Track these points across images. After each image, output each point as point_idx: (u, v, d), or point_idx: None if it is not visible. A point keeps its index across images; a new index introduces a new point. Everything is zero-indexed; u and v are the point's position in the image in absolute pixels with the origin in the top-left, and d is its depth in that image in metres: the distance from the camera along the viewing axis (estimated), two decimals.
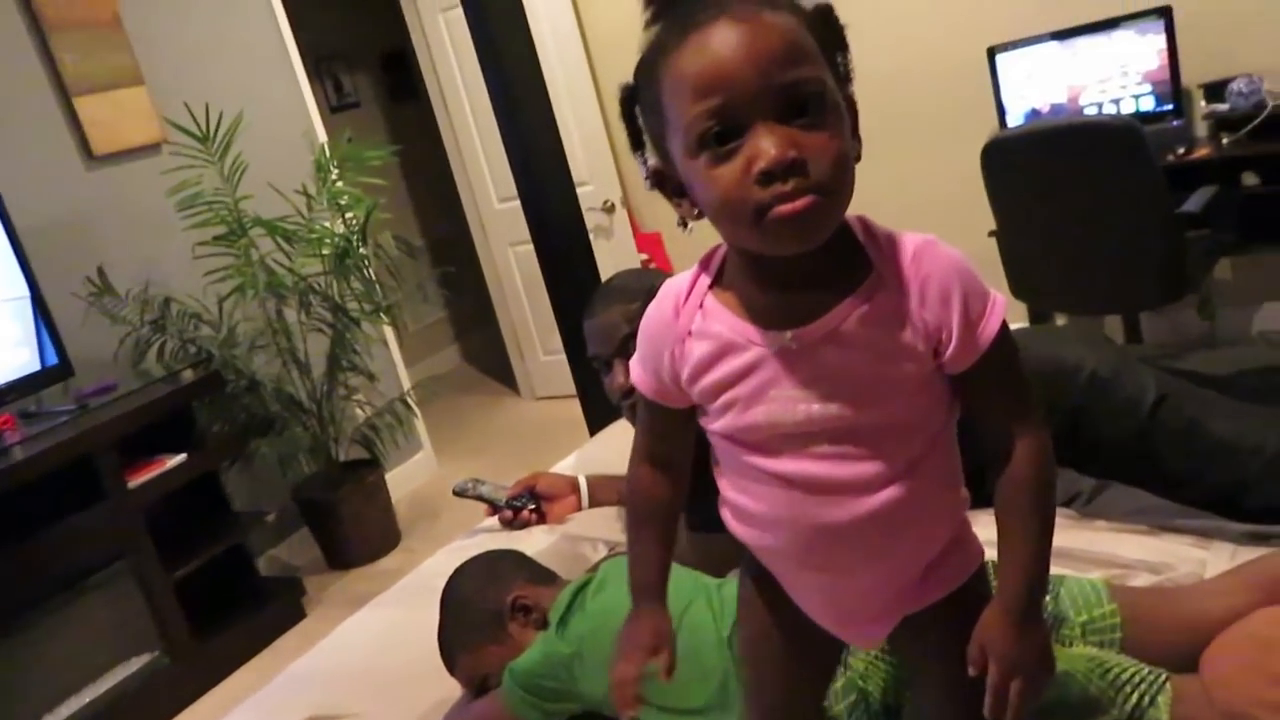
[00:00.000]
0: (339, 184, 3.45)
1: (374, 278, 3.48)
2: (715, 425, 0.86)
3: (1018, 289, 3.08)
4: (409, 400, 3.81)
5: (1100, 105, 3.27)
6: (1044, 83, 3.34)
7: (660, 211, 4.25)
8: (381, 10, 4.92)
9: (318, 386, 3.45)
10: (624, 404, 1.66)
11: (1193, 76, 3.16)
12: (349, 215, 3.47)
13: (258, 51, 3.71)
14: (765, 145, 0.71)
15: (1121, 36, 3.19)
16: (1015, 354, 0.84)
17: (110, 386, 2.97)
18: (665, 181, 0.82)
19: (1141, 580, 1.34)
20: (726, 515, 0.92)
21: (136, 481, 2.82)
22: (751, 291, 0.82)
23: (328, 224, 3.43)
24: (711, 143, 0.73)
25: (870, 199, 3.75)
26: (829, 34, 0.79)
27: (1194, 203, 2.80)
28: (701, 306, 0.83)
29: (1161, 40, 3.12)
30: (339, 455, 3.54)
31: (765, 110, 0.71)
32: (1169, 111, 3.17)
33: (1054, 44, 3.29)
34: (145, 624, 2.81)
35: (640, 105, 0.81)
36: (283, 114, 3.75)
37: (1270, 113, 2.93)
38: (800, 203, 0.71)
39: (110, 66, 3.22)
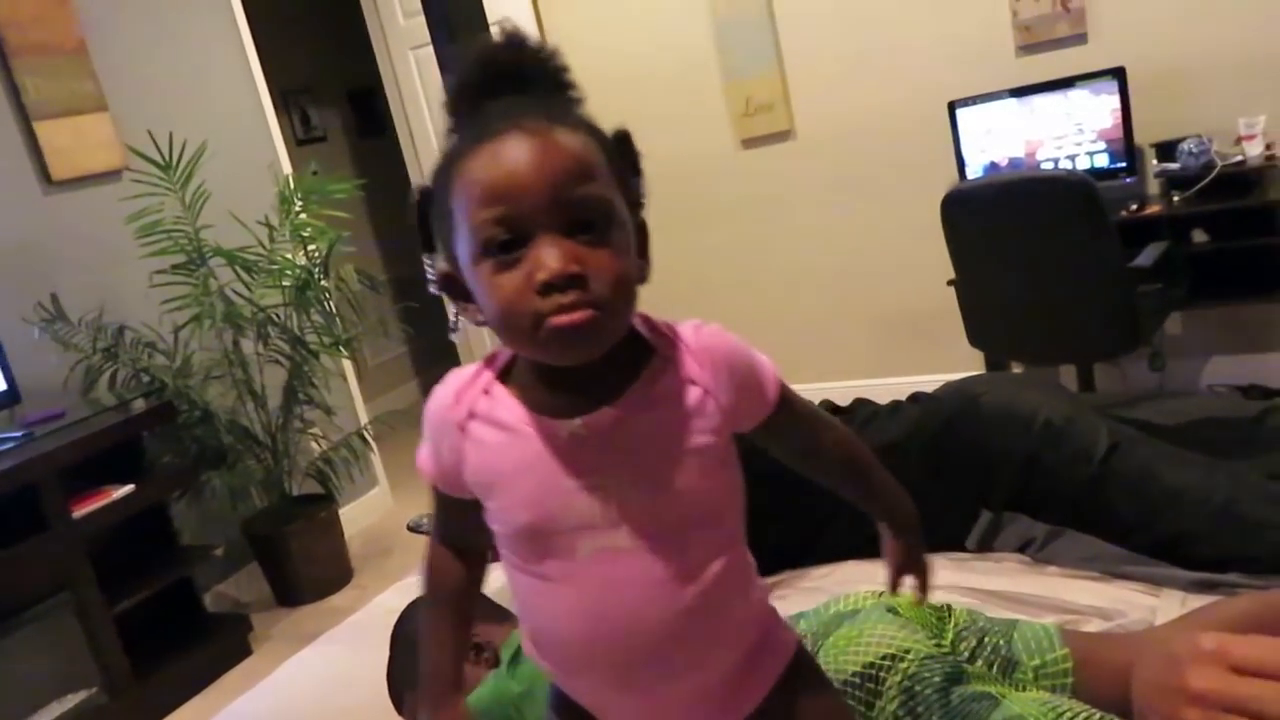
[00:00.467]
0: (302, 216, 3.43)
1: (334, 310, 3.46)
2: (499, 525, 0.82)
3: (975, 337, 3.12)
4: (366, 435, 3.76)
5: (1056, 161, 3.35)
6: (1002, 138, 3.43)
7: None
8: (351, 46, 4.94)
9: (273, 419, 3.40)
10: None
11: (1145, 136, 3.26)
12: (311, 247, 3.45)
13: (225, 82, 3.70)
14: (547, 257, 0.72)
15: (1077, 95, 3.28)
16: (795, 395, 0.91)
17: (58, 414, 2.91)
18: (453, 285, 0.81)
19: (1093, 626, 1.35)
20: (527, 645, 0.88)
21: (81, 512, 2.75)
22: (538, 388, 0.80)
23: (289, 255, 3.41)
24: (496, 250, 0.73)
25: (834, 246, 3.83)
26: (624, 158, 0.81)
27: (1145, 257, 2.87)
28: (487, 393, 0.81)
29: (1115, 100, 3.21)
30: (292, 489, 3.48)
31: (550, 223, 0.73)
32: (1122, 169, 3.26)
33: (1012, 101, 3.38)
34: (84, 659, 2.72)
35: (433, 210, 0.80)
36: (248, 144, 3.74)
37: (1218, 173, 3.03)
38: (577, 315, 0.72)
39: (73, 92, 3.19)
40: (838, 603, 1.33)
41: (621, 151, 0.81)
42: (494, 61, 0.79)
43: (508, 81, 0.78)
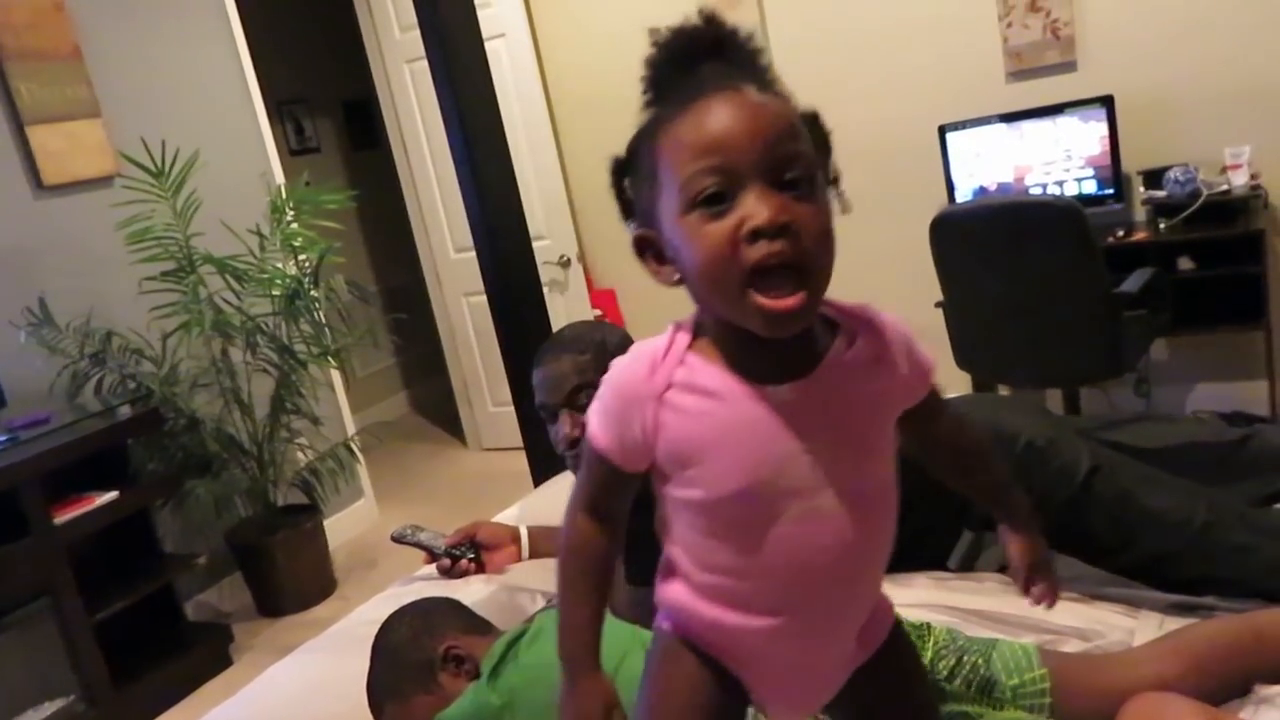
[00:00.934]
0: (294, 225, 3.44)
1: (324, 321, 3.45)
2: (702, 491, 0.81)
3: (961, 360, 3.14)
4: (353, 446, 3.76)
5: (1045, 186, 3.38)
6: (992, 162, 3.46)
7: (615, 269, 4.29)
8: (346, 58, 4.96)
9: (259, 428, 3.39)
10: (568, 455, 1.65)
11: (1133, 163, 3.29)
12: (302, 257, 3.45)
13: (219, 90, 3.71)
14: (759, 206, 0.73)
15: (1066, 122, 3.31)
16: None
17: (43, 419, 2.90)
18: (648, 248, 0.83)
19: (1071, 646, 1.36)
20: (688, 598, 0.87)
21: (64, 518, 2.73)
22: (735, 350, 0.81)
23: (280, 265, 3.41)
24: (705, 201, 0.75)
25: None
26: (818, 136, 0.82)
27: (1132, 283, 2.89)
28: (683, 363, 0.81)
29: (1104, 127, 3.24)
30: (277, 499, 3.47)
31: (761, 175, 0.74)
32: (1109, 195, 3.29)
33: (1002, 126, 3.41)
34: (63, 667, 2.70)
35: (631, 175, 0.84)
36: (240, 153, 3.74)
37: (1204, 202, 3.06)
38: (791, 289, 0.74)
39: (67, 98, 3.19)
40: None
41: (816, 129, 0.82)
42: (697, 35, 0.80)
43: (708, 53, 0.79)
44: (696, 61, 0.79)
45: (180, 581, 3.19)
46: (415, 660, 1.42)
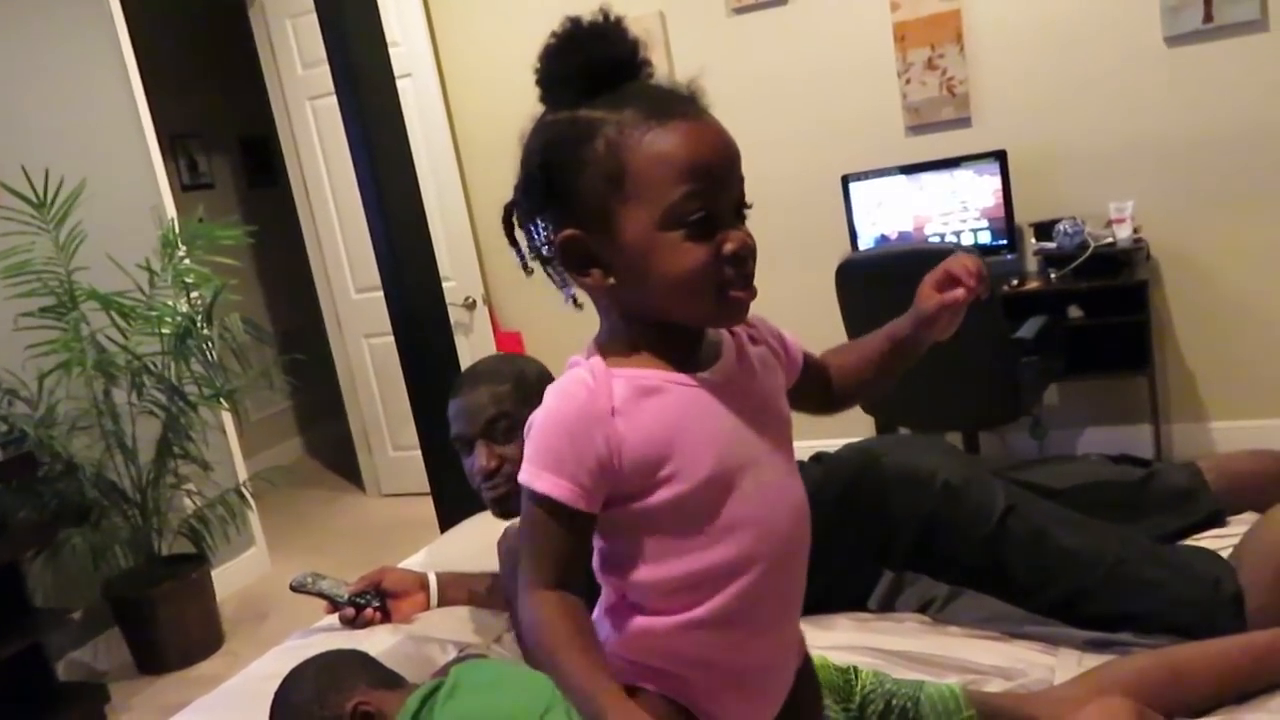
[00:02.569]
0: (186, 262, 3.30)
1: (217, 361, 3.31)
2: (678, 488, 0.83)
3: (866, 403, 3.19)
4: (244, 491, 3.59)
5: (943, 235, 3.49)
6: (893, 211, 3.55)
7: (522, 311, 4.24)
8: (244, 93, 4.84)
9: (144, 473, 3.21)
10: (484, 486, 1.62)
11: (1025, 215, 3.43)
12: (195, 295, 3.30)
13: (109, 120, 3.55)
14: (739, 234, 0.83)
15: (962, 175, 3.43)
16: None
17: None
18: (574, 249, 0.85)
19: (995, 685, 1.36)
20: (660, 627, 0.86)
21: None
22: (657, 350, 0.87)
23: (170, 303, 3.26)
24: (692, 223, 0.81)
25: None
26: None
27: (1026, 330, 2.99)
28: (613, 379, 0.85)
29: (997, 180, 3.37)
30: (161, 549, 3.27)
31: (733, 205, 0.84)
32: (1003, 246, 3.42)
33: (902, 177, 3.51)
34: None
35: (563, 173, 0.84)
36: (130, 186, 3.58)
37: (1091, 253, 3.20)
38: (751, 291, 0.85)
39: None
40: None
41: None
42: (620, 48, 0.85)
43: (628, 68, 0.85)
44: (624, 74, 0.85)
45: (52, 639, 2.97)
46: (318, 712, 1.34)
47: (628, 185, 0.81)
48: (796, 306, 3.83)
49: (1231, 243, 3.28)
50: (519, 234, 0.90)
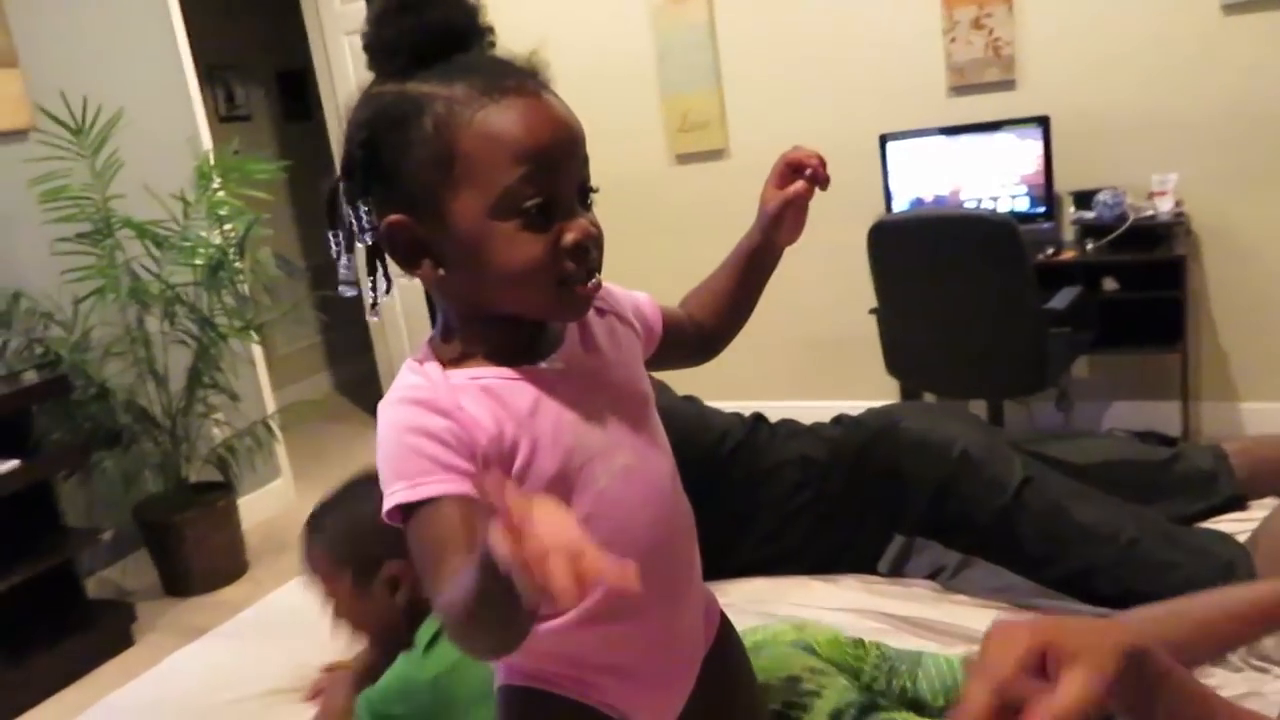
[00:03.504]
0: (220, 194, 3.32)
1: (248, 294, 3.34)
2: (527, 487, 0.78)
3: (891, 366, 3.18)
4: (271, 424, 3.65)
5: (979, 201, 3.44)
6: (929, 174, 3.50)
7: None
8: (283, 26, 4.81)
9: (174, 401, 3.26)
10: None
11: (1065, 183, 3.36)
12: (228, 227, 3.33)
13: (147, 49, 3.56)
14: (581, 223, 0.77)
15: (1003, 139, 3.37)
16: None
17: None
18: (401, 236, 0.78)
19: None
20: (541, 630, 0.82)
21: None
22: (495, 345, 0.81)
23: (204, 234, 3.29)
24: (528, 211, 0.74)
25: None
26: None
27: (1059, 301, 2.95)
28: (449, 381, 0.79)
29: (1039, 147, 3.31)
30: (189, 475, 3.34)
31: (574, 193, 0.78)
32: (1041, 214, 3.36)
33: (942, 138, 3.46)
34: None
35: (389, 153, 0.76)
36: (167, 116, 3.59)
37: (1130, 225, 3.14)
38: (592, 285, 0.79)
39: None
40: (754, 632, 1.32)
41: None
42: (455, 13, 0.77)
43: (466, 36, 0.78)
44: (456, 44, 0.77)
45: (82, 557, 3.06)
46: (371, 540, 1.22)
47: (458, 169, 0.74)
48: (827, 267, 3.82)
49: (1275, 223, 3.21)
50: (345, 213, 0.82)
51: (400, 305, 4.45)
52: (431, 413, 0.76)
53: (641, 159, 4.05)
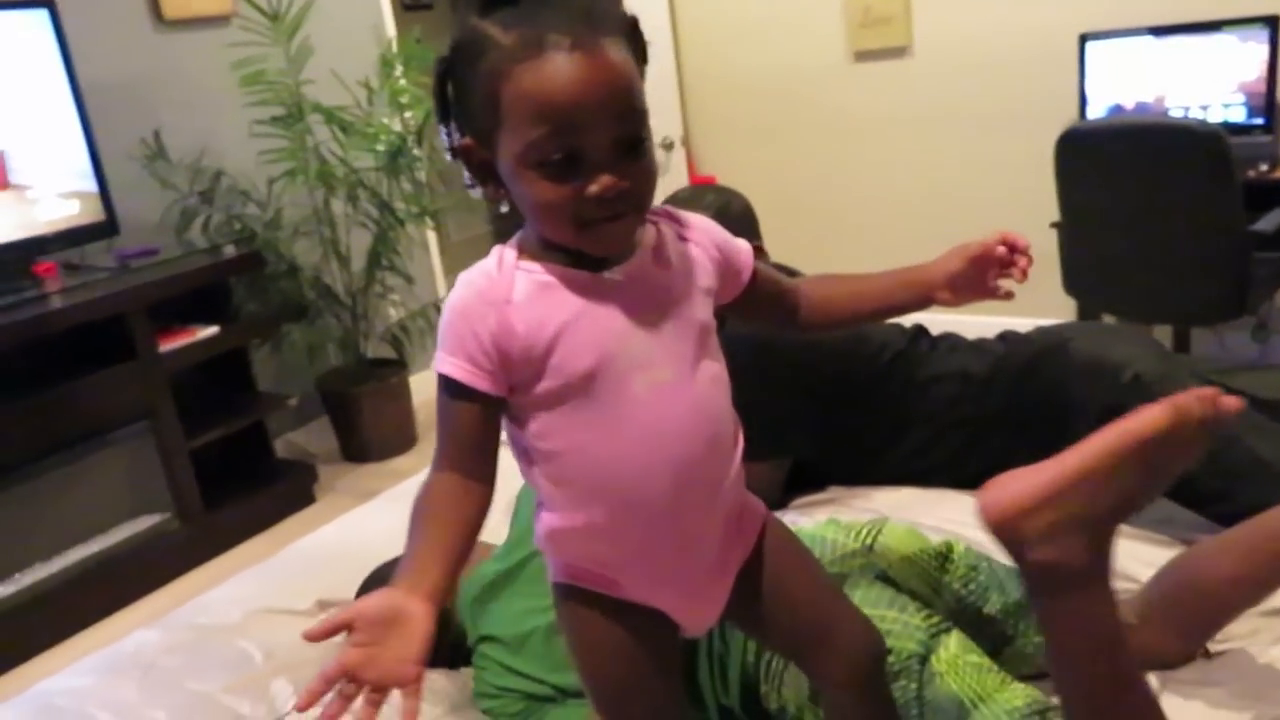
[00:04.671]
0: (402, 82, 3.42)
1: (425, 181, 3.47)
2: (558, 378, 0.85)
3: (1070, 285, 3.01)
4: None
5: (1187, 110, 3.16)
6: (1132, 78, 3.23)
7: (721, 155, 4.19)
8: None
9: (355, 280, 3.46)
10: None
11: None
12: (408, 115, 3.44)
13: None
14: (606, 179, 0.80)
15: (1222, 41, 3.07)
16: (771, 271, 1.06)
17: (153, 250, 2.99)
18: (473, 159, 0.86)
19: None
20: (564, 521, 0.89)
21: (167, 347, 2.85)
22: (562, 254, 0.86)
23: (385, 121, 3.41)
24: (550, 165, 0.80)
25: (937, 172, 3.66)
26: (637, 48, 0.85)
27: (1267, 222, 2.71)
28: (518, 269, 0.86)
29: (1264, 50, 2.99)
30: (367, 351, 3.56)
31: (606, 148, 0.80)
32: (1258, 126, 3.06)
33: (1150, 38, 3.17)
34: (159, 486, 2.86)
35: (461, 85, 0.84)
36: (353, 4, 3.71)
37: None
38: (621, 222, 0.83)
39: None
40: (829, 547, 1.30)
41: (635, 40, 0.85)
42: None
43: None
44: None
45: (272, 419, 3.33)
46: None
47: (501, 113, 0.81)
48: (1007, 176, 3.62)
49: None
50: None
51: None
52: (484, 304, 0.84)
53: (817, 55, 3.91)
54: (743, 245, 0.99)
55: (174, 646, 1.47)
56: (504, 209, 0.89)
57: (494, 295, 0.84)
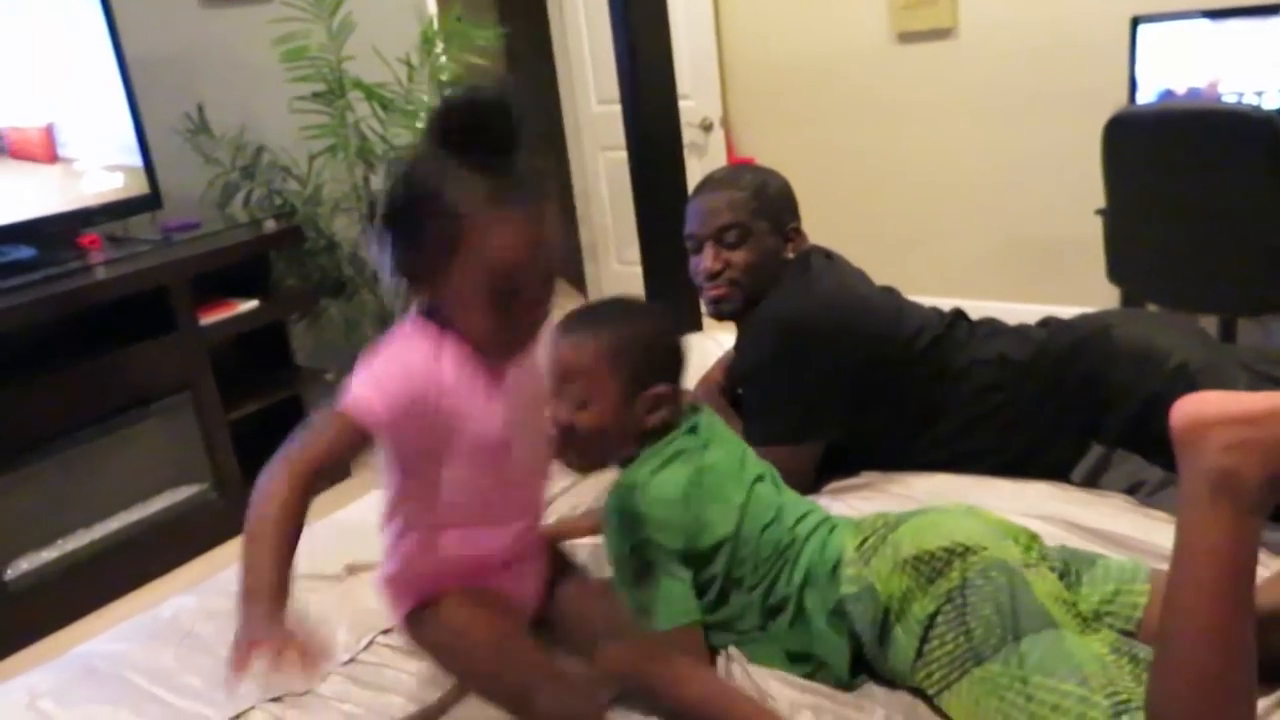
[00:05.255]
0: (443, 59, 3.42)
1: None
2: (472, 441, 1.11)
3: (1115, 273, 2.96)
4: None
5: (1241, 96, 3.08)
6: (1185, 63, 3.16)
7: (760, 137, 4.16)
8: None
9: None
10: (706, 285, 1.73)
11: None
12: (448, 92, 3.44)
13: None
14: (532, 308, 1.07)
15: None
16: None
17: (194, 224, 3.03)
18: (409, 266, 1.07)
19: None
20: (445, 542, 1.19)
21: (208, 320, 2.89)
22: (474, 343, 1.11)
23: (425, 98, 3.41)
24: (499, 295, 1.04)
25: (981, 157, 3.59)
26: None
27: None
28: (451, 353, 1.09)
29: None
30: None
31: (539, 285, 1.07)
32: None
33: (1205, 21, 3.09)
34: (199, 457, 2.90)
35: (419, 208, 1.02)
36: None
37: None
38: (531, 341, 1.13)
39: None
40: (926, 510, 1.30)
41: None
42: (505, 124, 1.01)
43: (507, 143, 1.02)
44: (492, 143, 1.01)
45: (309, 393, 3.36)
46: (647, 361, 1.28)
47: (460, 250, 1.01)
48: (1053, 161, 3.55)
49: None
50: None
51: (605, 179, 4.51)
52: (419, 370, 1.05)
53: (859, 36, 3.86)
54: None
55: (211, 613, 1.49)
56: (424, 309, 1.10)
57: (438, 368, 1.06)
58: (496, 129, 1.00)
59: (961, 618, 1.10)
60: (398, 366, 1.05)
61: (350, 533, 1.73)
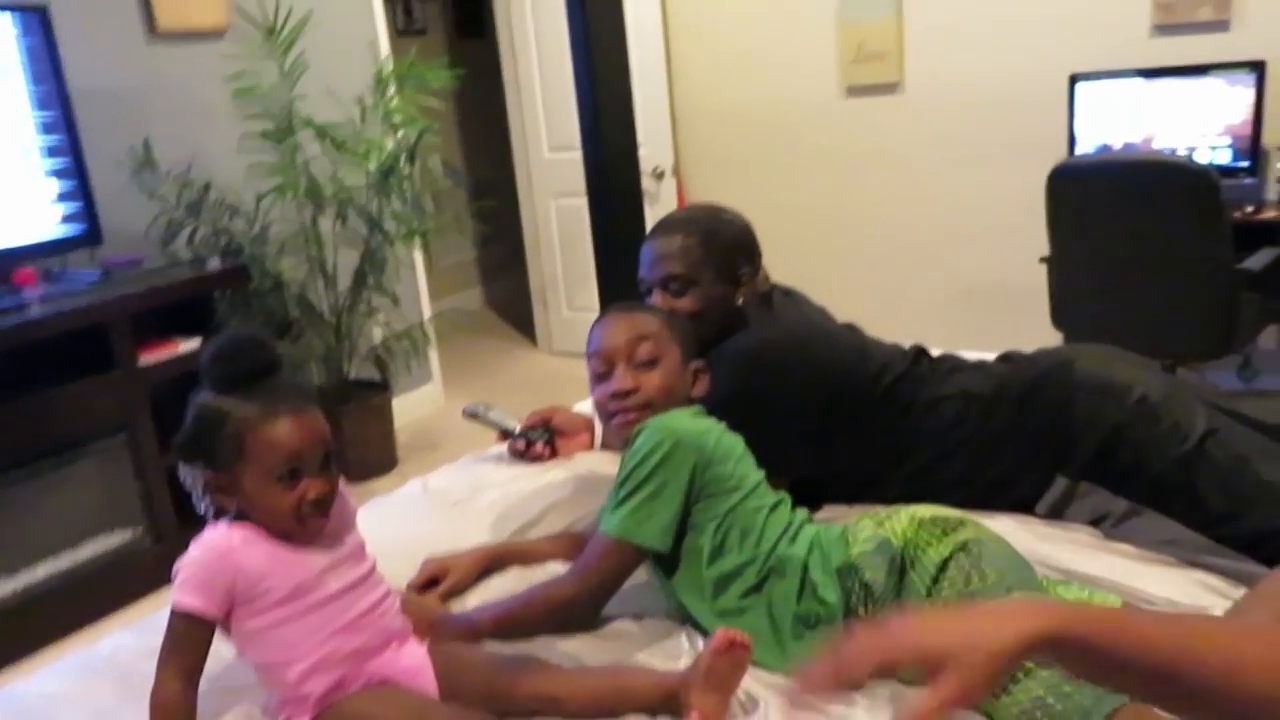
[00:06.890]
0: (395, 101, 3.41)
1: (415, 199, 3.45)
2: (274, 603, 1.22)
3: (1059, 319, 3.03)
4: (428, 329, 3.78)
5: (1174, 150, 3.20)
6: (1121, 119, 3.28)
7: (712, 184, 4.21)
8: None
9: (340, 299, 3.42)
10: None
11: (1275, 137, 3.09)
12: (400, 133, 3.43)
13: None
14: (319, 484, 1.22)
15: (1210, 84, 3.12)
16: None
17: (138, 260, 2.95)
18: (211, 487, 1.23)
19: None
20: (311, 683, 1.23)
21: (148, 359, 2.79)
22: (277, 535, 1.24)
23: (377, 138, 3.39)
24: (280, 479, 1.19)
25: (928, 207, 3.67)
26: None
27: (1254, 262, 2.74)
28: (243, 543, 1.21)
29: (1250, 94, 3.05)
30: (350, 371, 3.51)
31: (317, 464, 1.21)
32: (1244, 169, 3.11)
33: (1139, 80, 3.22)
34: (133, 501, 2.79)
35: (209, 438, 1.19)
36: (350, 22, 3.71)
37: None
38: (322, 520, 1.24)
39: None
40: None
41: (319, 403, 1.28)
42: (264, 358, 1.22)
43: (264, 370, 1.22)
44: (255, 375, 1.20)
45: None
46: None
47: (245, 455, 1.19)
48: (997, 211, 3.65)
49: None
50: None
51: (556, 226, 4.51)
52: (217, 558, 1.20)
53: (809, 89, 3.95)
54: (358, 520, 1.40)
55: (152, 651, 1.41)
56: (231, 516, 1.24)
57: (234, 555, 1.20)
58: (257, 360, 1.21)
59: (977, 564, 1.18)
60: (200, 564, 1.21)
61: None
